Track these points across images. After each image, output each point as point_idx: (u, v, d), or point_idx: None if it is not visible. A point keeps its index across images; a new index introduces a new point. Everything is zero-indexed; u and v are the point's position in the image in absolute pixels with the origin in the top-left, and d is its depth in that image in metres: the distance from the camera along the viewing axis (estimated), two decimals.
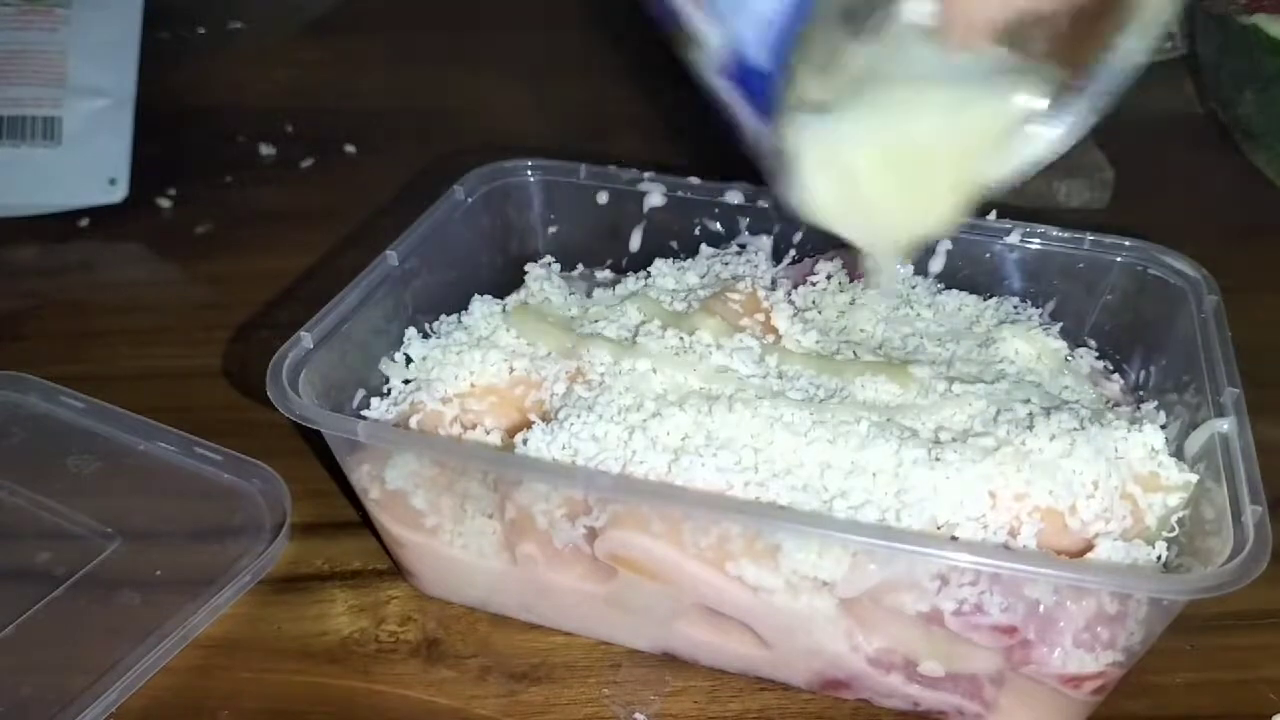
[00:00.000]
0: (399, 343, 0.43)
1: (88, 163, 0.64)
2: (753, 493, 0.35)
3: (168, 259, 0.63)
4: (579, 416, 0.38)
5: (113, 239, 0.64)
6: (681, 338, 0.42)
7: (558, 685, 0.38)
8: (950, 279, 0.47)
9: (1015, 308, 0.45)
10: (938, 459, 0.36)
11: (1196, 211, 0.66)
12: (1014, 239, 0.46)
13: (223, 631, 0.40)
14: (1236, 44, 0.66)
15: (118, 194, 0.64)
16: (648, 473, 0.36)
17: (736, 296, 0.44)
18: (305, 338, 0.39)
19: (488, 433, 0.40)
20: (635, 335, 0.42)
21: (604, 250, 0.51)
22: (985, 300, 0.46)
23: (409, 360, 0.43)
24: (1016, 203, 0.65)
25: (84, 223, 0.65)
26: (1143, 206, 0.66)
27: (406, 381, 0.43)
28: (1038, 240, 0.46)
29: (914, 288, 0.46)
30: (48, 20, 0.65)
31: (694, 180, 0.49)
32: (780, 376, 0.41)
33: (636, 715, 0.37)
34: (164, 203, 0.67)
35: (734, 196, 0.49)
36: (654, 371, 0.40)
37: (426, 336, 0.44)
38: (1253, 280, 0.52)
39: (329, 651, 0.39)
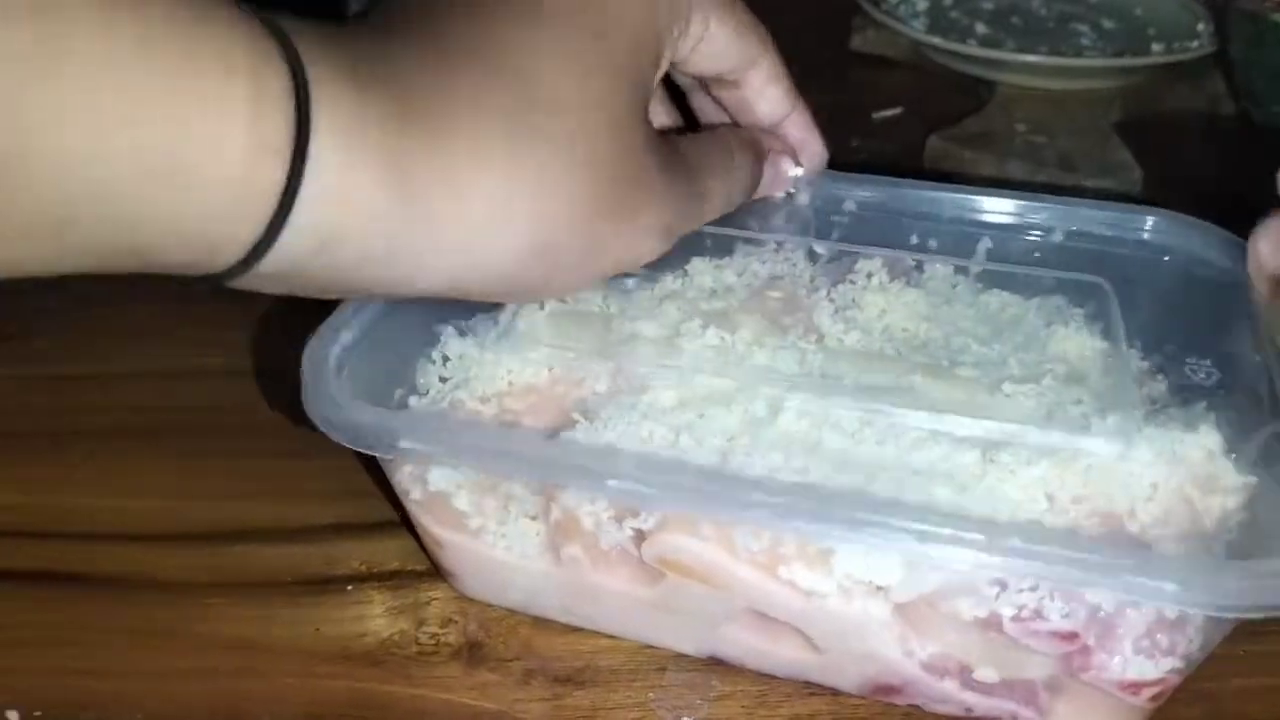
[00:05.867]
0: (435, 341, 0.43)
1: None
2: None
3: None
4: (623, 416, 0.37)
5: None
6: (723, 337, 0.41)
7: (603, 689, 0.38)
8: (991, 279, 0.46)
9: (1058, 307, 0.45)
10: (992, 461, 0.35)
11: (1226, 212, 0.67)
12: (1058, 238, 0.45)
13: (260, 633, 0.40)
14: (1269, 41, 0.65)
15: None
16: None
17: (776, 295, 0.44)
18: (342, 336, 0.38)
19: None
20: (676, 334, 0.42)
21: None
22: (1029, 300, 0.45)
23: (445, 359, 0.42)
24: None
25: None
26: (1171, 207, 0.66)
27: (443, 380, 0.42)
28: (1082, 239, 0.45)
29: (955, 287, 0.46)
30: None
31: None
32: (824, 376, 0.40)
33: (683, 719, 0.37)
34: None
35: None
36: (697, 371, 0.39)
37: (463, 335, 0.43)
38: None
39: (369, 654, 0.39)
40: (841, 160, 0.69)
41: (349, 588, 0.41)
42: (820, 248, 0.46)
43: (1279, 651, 0.39)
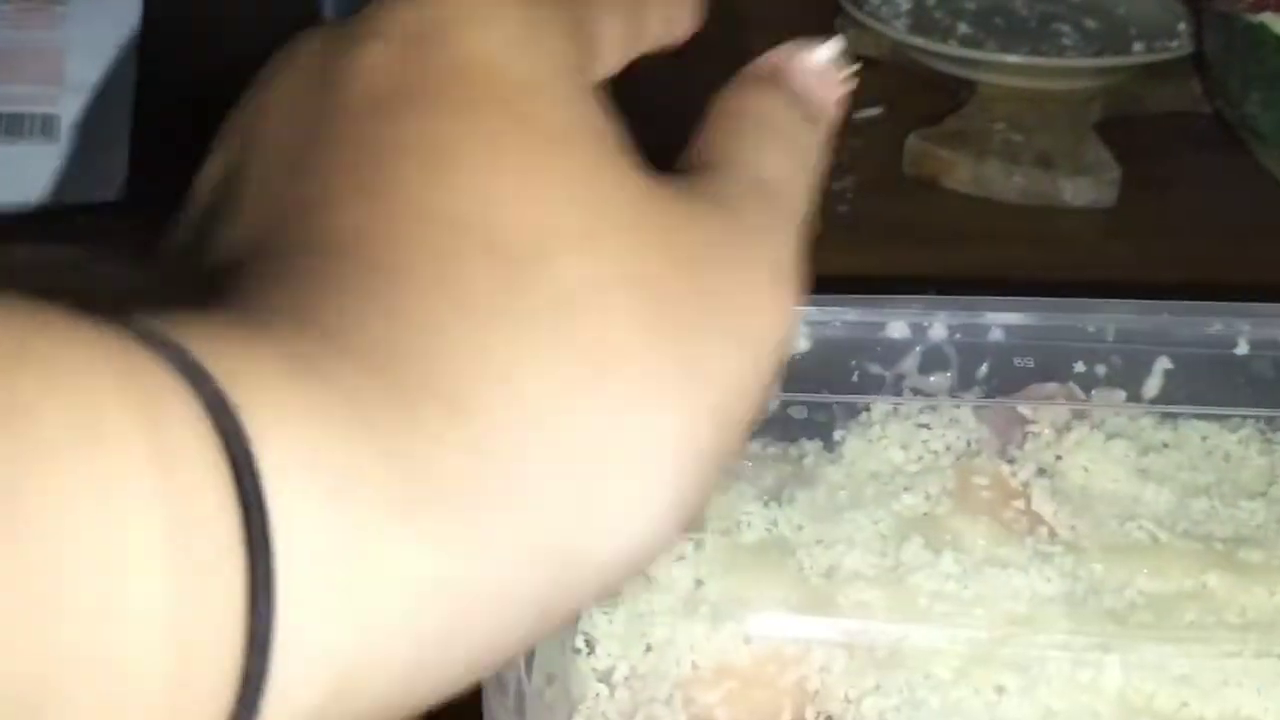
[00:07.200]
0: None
1: (85, 160, 0.63)
2: None
3: None
4: (896, 713, 0.28)
5: (110, 237, 0.59)
6: (959, 559, 0.32)
7: None
8: (1169, 399, 0.39)
9: (1261, 430, 0.38)
10: None
11: (1203, 211, 0.65)
12: (1242, 349, 0.38)
13: None
14: (1243, 42, 0.64)
15: (115, 192, 0.62)
16: None
17: (982, 480, 0.35)
18: None
19: None
20: (896, 563, 0.32)
21: None
22: (1234, 431, 0.38)
23: (590, 645, 0.31)
24: (1021, 201, 0.64)
25: (81, 220, 0.61)
26: (1149, 205, 0.65)
27: (602, 679, 0.31)
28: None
29: (1135, 418, 0.38)
30: (46, 18, 0.64)
31: (846, 312, 0.39)
32: (1094, 594, 0.32)
33: None
34: (162, 201, 0.57)
35: (897, 329, 0.39)
36: (957, 621, 0.31)
37: (608, 609, 0.32)
38: (1259, 280, 0.53)
39: None
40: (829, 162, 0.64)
41: None
42: (986, 398, 0.38)
43: None
